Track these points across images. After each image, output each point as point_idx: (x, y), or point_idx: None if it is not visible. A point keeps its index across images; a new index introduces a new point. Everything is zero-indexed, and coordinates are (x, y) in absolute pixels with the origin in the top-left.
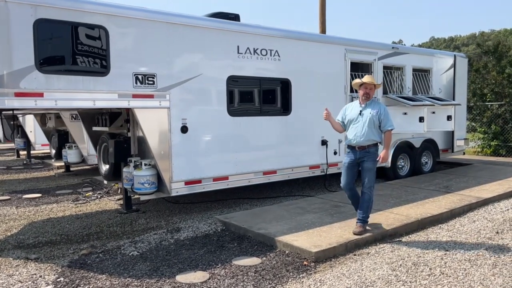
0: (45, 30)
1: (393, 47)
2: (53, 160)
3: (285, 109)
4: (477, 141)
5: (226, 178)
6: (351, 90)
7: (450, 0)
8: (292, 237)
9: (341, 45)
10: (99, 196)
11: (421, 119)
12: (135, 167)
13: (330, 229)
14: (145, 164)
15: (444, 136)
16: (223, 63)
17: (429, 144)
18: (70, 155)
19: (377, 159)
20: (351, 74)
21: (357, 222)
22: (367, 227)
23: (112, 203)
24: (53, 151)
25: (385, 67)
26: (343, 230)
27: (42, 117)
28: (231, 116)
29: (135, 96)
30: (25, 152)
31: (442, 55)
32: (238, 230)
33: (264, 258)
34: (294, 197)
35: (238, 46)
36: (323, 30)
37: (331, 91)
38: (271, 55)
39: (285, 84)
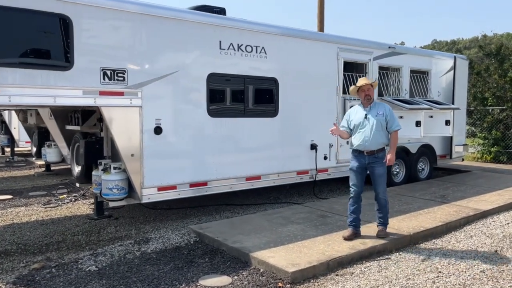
0: None
1: (389, 47)
2: (34, 158)
3: (272, 110)
4: (477, 147)
5: (204, 183)
6: (344, 92)
7: (453, 3)
8: (268, 253)
9: (333, 43)
10: (73, 199)
11: (418, 124)
12: (104, 170)
13: (312, 244)
14: (115, 168)
15: (442, 141)
16: (203, 60)
17: (426, 150)
18: (50, 154)
19: (384, 161)
20: (344, 75)
21: (378, 225)
22: (359, 238)
23: (85, 207)
24: (34, 149)
25: (381, 68)
26: (327, 246)
27: (23, 113)
28: (212, 117)
29: (102, 93)
30: (9, 149)
31: (441, 57)
32: (212, 242)
33: (236, 277)
34: (280, 204)
35: (220, 42)
36: (321, 29)
37: (322, 92)
38: (257, 52)
39: (272, 84)
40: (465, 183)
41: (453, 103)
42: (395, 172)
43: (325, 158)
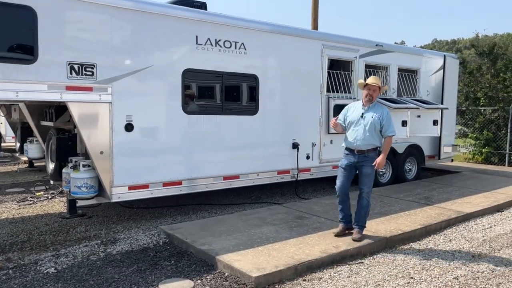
0: None
1: (377, 45)
2: (17, 154)
3: (252, 108)
4: (469, 147)
5: (179, 183)
6: (328, 90)
7: (454, 2)
8: (236, 256)
9: (317, 40)
10: (50, 197)
11: (404, 123)
12: (74, 168)
13: (283, 247)
14: (84, 165)
15: (430, 141)
16: (178, 55)
17: (413, 150)
18: (31, 150)
19: (373, 163)
20: (329, 73)
21: (354, 228)
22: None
23: (61, 205)
24: (18, 145)
25: (367, 66)
26: (298, 249)
27: (6, 108)
28: (187, 114)
29: (69, 88)
30: None
31: (431, 55)
32: (181, 244)
33: (199, 281)
34: (260, 204)
35: (196, 36)
36: (315, 27)
37: (305, 90)
38: (236, 48)
39: (252, 81)
40: (452, 184)
41: (442, 103)
42: (381, 173)
43: (308, 157)
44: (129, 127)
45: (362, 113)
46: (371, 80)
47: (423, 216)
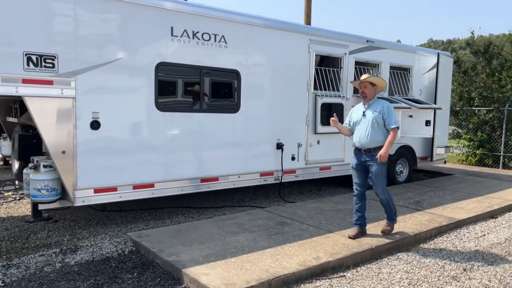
0: None
1: (367, 41)
2: None
3: (233, 105)
4: (462, 148)
5: (151, 185)
6: (315, 87)
7: (450, 3)
8: (204, 269)
9: (304, 34)
10: (18, 198)
11: None
12: (34, 168)
13: (258, 258)
14: (45, 166)
15: (423, 142)
16: (151, 47)
17: (405, 151)
18: (4, 146)
19: (376, 156)
20: (317, 69)
21: (387, 220)
22: (365, 237)
23: (28, 207)
24: None
25: (357, 63)
26: (274, 260)
27: None
28: (161, 111)
29: (26, 81)
30: None
31: (424, 53)
32: (147, 253)
33: None
34: (242, 208)
35: (172, 28)
36: (308, 23)
37: (291, 87)
38: (215, 41)
39: (233, 76)
40: (444, 187)
41: (435, 103)
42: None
43: (293, 158)
44: (95, 125)
45: (363, 112)
46: (362, 77)
47: (413, 222)
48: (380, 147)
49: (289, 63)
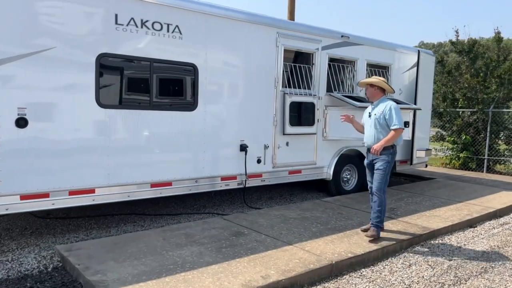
0: None
1: (342, 36)
2: None
3: (189, 102)
4: (446, 151)
5: (91, 191)
6: (284, 84)
7: (441, 5)
8: None
9: (271, 27)
10: None
11: None
12: None
13: (198, 277)
14: None
15: (402, 145)
16: (91, 36)
17: None
18: None
19: (384, 160)
20: (286, 65)
21: (371, 225)
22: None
23: None
24: None
25: (332, 60)
26: (215, 280)
27: None
28: (103, 108)
29: None
30: None
31: (404, 50)
32: (72, 271)
33: None
34: (201, 215)
35: (116, 15)
36: (291, 20)
37: (257, 84)
38: (168, 31)
39: (190, 71)
40: (423, 193)
41: (415, 103)
42: (346, 179)
43: (259, 161)
44: (21, 122)
45: (369, 113)
46: (365, 80)
47: (383, 233)
48: (386, 147)
49: (254, 58)
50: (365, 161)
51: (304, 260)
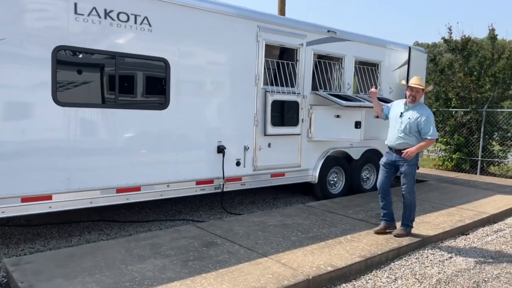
0: None
1: (329, 31)
2: None
3: (160, 101)
4: (439, 152)
5: (47, 197)
6: (266, 82)
7: (436, 5)
8: None
9: (252, 20)
10: None
11: (358, 125)
12: None
13: None
14: None
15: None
16: (47, 27)
17: (372, 156)
18: None
19: (412, 163)
20: (268, 61)
21: (401, 225)
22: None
23: None
24: None
25: (317, 56)
26: None
27: None
28: (61, 106)
29: None
30: None
31: (395, 47)
32: None
33: None
34: (174, 222)
35: (75, 4)
36: (281, 12)
37: (236, 81)
38: (136, 23)
39: (161, 67)
40: None
41: None
42: (332, 182)
43: (238, 164)
44: None
45: (401, 113)
46: (413, 81)
47: (368, 242)
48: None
49: (232, 53)
50: (383, 160)
51: (278, 275)
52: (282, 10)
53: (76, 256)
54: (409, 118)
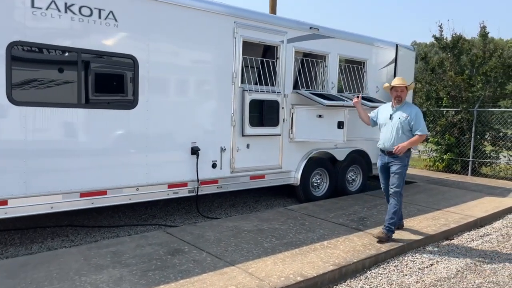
0: None
1: (311, 27)
2: None
3: (128, 100)
4: (430, 153)
5: (3, 202)
6: (243, 81)
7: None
8: None
9: (228, 15)
10: None
11: (340, 125)
12: None
13: None
14: None
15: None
16: (0, 21)
17: (358, 157)
18: None
19: (393, 150)
20: (246, 59)
21: (383, 228)
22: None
23: None
24: None
25: (299, 53)
26: None
27: None
28: (17, 105)
29: None
30: None
31: (381, 45)
32: None
33: None
34: (145, 227)
35: None
36: (273, 10)
37: (211, 80)
38: (100, 18)
39: (128, 64)
40: None
41: None
42: (316, 184)
43: (214, 166)
44: None
45: (390, 114)
46: (396, 81)
47: (345, 248)
48: (404, 151)
49: (207, 50)
50: (379, 164)
51: (242, 286)
52: (273, 8)
53: (29, 266)
54: (399, 118)
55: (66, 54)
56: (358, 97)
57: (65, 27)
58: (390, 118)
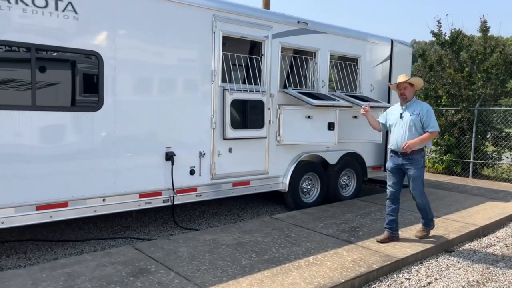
0: None
1: (299, 22)
2: None
3: (91, 101)
4: (429, 154)
5: None
6: (224, 79)
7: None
8: None
9: (205, 8)
10: None
11: (331, 126)
12: None
13: None
14: None
15: (375, 148)
16: None
17: (352, 160)
18: None
19: (419, 166)
20: (227, 55)
21: (422, 226)
22: (395, 242)
23: None
24: None
25: (286, 49)
26: None
27: None
28: None
29: None
30: None
31: (376, 40)
32: None
33: None
34: (114, 240)
35: None
36: (266, 7)
37: (187, 78)
38: (57, 10)
39: (91, 61)
40: None
41: (389, 101)
42: (306, 189)
43: (192, 172)
44: None
45: (401, 113)
46: (399, 79)
47: (332, 265)
48: (418, 150)
49: (183, 46)
50: (389, 165)
51: None
52: (266, 3)
53: None
54: (410, 116)
55: (17, 50)
56: (365, 107)
57: (16, 20)
58: (401, 117)
